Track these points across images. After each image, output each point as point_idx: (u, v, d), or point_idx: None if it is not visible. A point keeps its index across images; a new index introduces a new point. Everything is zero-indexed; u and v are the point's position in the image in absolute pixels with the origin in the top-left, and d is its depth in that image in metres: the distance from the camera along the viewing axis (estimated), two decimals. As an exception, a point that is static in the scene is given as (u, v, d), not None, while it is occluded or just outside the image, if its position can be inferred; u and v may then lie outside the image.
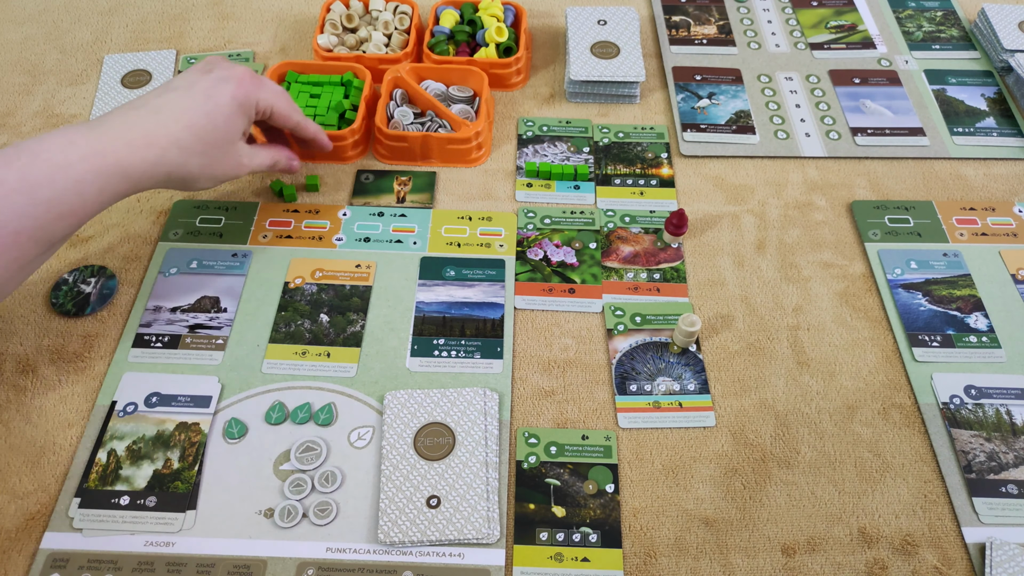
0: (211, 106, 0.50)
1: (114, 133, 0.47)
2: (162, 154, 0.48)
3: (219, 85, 0.51)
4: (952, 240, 0.62)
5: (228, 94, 0.51)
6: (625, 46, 0.73)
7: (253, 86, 0.52)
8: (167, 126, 0.48)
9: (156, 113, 0.49)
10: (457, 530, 0.47)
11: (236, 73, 0.52)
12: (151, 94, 0.51)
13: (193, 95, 0.50)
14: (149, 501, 0.48)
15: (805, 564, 0.47)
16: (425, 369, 0.54)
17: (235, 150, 0.53)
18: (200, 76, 0.51)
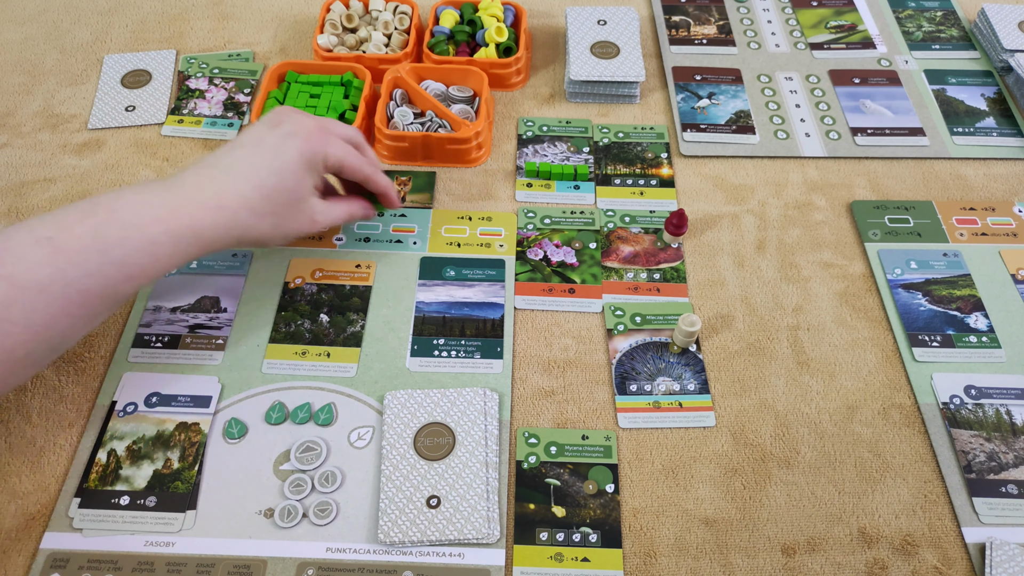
0: (279, 163, 0.49)
1: (188, 194, 0.46)
2: (233, 216, 0.47)
3: (287, 141, 0.49)
4: (952, 240, 0.62)
5: (296, 150, 0.49)
6: (625, 46, 0.73)
7: (320, 141, 0.51)
8: (238, 187, 0.47)
9: (227, 173, 0.48)
10: (457, 530, 0.47)
11: (304, 127, 0.50)
12: (222, 151, 0.49)
13: (261, 153, 0.49)
14: (149, 501, 0.48)
15: (805, 564, 0.47)
16: (425, 369, 0.54)
17: (307, 207, 0.51)
18: (268, 131, 0.50)
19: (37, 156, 0.67)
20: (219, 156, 0.49)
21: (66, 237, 0.42)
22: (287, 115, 0.51)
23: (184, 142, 0.69)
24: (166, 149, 0.68)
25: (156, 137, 0.69)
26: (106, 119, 0.70)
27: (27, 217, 0.62)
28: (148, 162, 0.67)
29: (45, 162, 0.67)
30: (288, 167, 0.49)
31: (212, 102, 0.71)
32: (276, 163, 0.49)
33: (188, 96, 0.72)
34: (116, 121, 0.70)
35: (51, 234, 0.42)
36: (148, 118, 0.70)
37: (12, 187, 0.65)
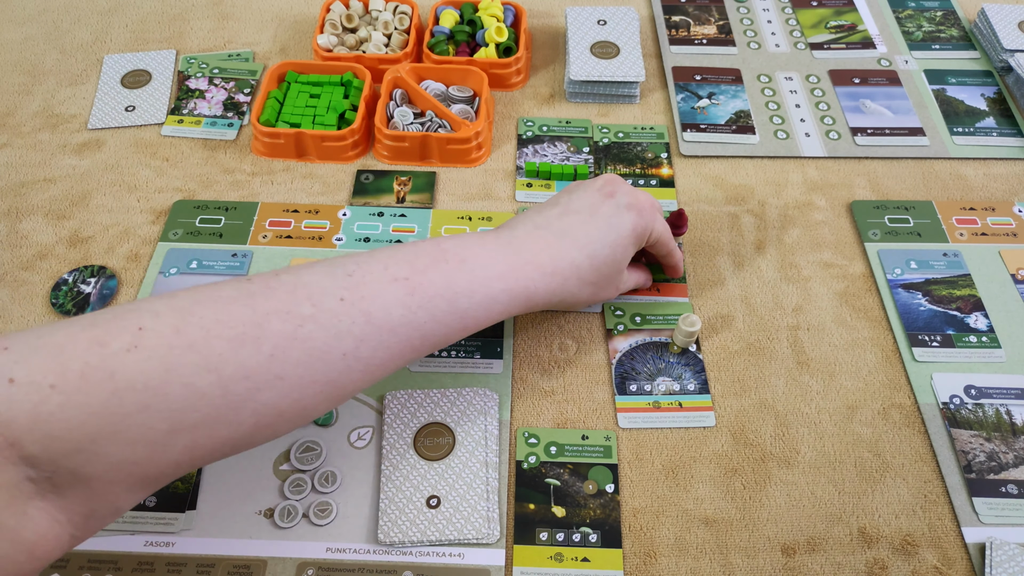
0: (613, 237, 0.48)
1: (526, 257, 0.46)
2: (563, 283, 0.47)
3: (622, 214, 0.49)
4: (952, 240, 0.62)
5: (630, 224, 0.49)
6: (625, 46, 0.73)
7: (651, 217, 0.50)
8: (571, 253, 0.47)
9: (561, 239, 0.47)
10: (457, 530, 0.47)
11: (639, 201, 0.50)
12: (555, 211, 0.49)
13: (596, 223, 0.48)
14: (149, 501, 0.48)
15: (805, 564, 0.47)
16: (425, 369, 0.54)
17: (621, 278, 0.51)
18: (603, 200, 0.49)
19: (37, 156, 0.67)
20: (551, 217, 0.48)
21: (420, 280, 0.42)
22: (618, 185, 0.50)
23: (184, 142, 0.69)
24: (166, 149, 0.68)
25: (156, 137, 0.69)
26: (106, 119, 0.70)
27: (26, 217, 0.63)
28: (148, 162, 0.67)
29: (45, 162, 0.67)
30: (621, 241, 0.49)
31: (212, 102, 0.71)
32: (611, 236, 0.48)
33: (188, 96, 0.72)
34: (116, 121, 0.70)
35: (407, 275, 0.41)
36: (148, 118, 0.70)
37: (12, 187, 0.65)
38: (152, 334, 0.35)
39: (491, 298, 0.44)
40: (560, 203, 0.50)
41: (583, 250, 0.47)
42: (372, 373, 0.41)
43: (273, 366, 0.36)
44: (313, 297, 0.38)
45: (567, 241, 0.47)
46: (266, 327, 0.37)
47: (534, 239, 0.47)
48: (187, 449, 0.35)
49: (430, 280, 0.42)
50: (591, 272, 0.48)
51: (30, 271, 0.59)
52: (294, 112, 0.67)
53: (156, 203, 0.64)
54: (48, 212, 0.63)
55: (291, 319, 0.37)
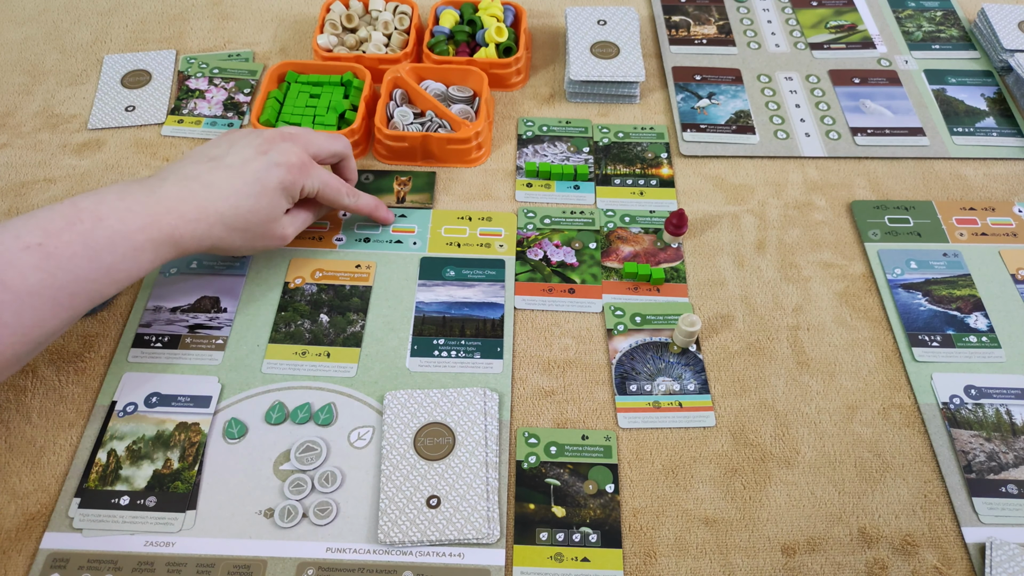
0: (258, 189, 0.51)
1: (169, 204, 0.48)
2: (209, 229, 0.50)
3: (271, 170, 0.52)
4: (952, 240, 0.62)
5: (276, 180, 0.52)
6: (625, 46, 0.73)
7: (302, 174, 0.53)
8: (215, 203, 0.50)
9: (207, 188, 0.50)
10: (457, 530, 0.47)
11: (290, 159, 0.52)
12: (208, 164, 0.51)
13: (244, 176, 0.51)
14: (149, 501, 0.48)
15: (805, 564, 0.47)
16: (425, 369, 0.54)
17: (276, 225, 0.54)
18: (254, 156, 0.52)
19: (37, 156, 0.67)
20: (202, 170, 0.51)
21: (55, 243, 0.44)
22: (278, 142, 0.53)
23: (184, 142, 0.69)
24: (166, 149, 0.68)
25: (156, 137, 0.69)
26: (106, 119, 0.70)
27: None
28: (148, 162, 0.67)
29: (45, 162, 0.67)
30: (266, 192, 0.51)
31: (212, 102, 0.71)
32: (255, 188, 0.51)
33: (188, 96, 0.72)
34: (116, 121, 0.70)
35: (40, 240, 0.44)
36: (148, 118, 0.70)
37: (12, 187, 0.65)
38: None
39: (136, 248, 0.46)
40: (217, 156, 0.52)
41: (227, 200, 0.50)
42: (28, 334, 0.43)
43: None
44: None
45: (212, 192, 0.50)
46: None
47: (180, 189, 0.49)
48: None
49: (66, 242, 0.44)
50: (237, 220, 0.51)
51: (30, 271, 0.59)
52: (294, 112, 0.67)
53: (156, 203, 0.64)
54: (48, 212, 0.63)
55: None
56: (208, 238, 0.50)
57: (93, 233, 0.45)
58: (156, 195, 0.48)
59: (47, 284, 0.43)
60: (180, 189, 0.49)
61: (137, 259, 0.47)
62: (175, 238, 0.48)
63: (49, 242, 0.44)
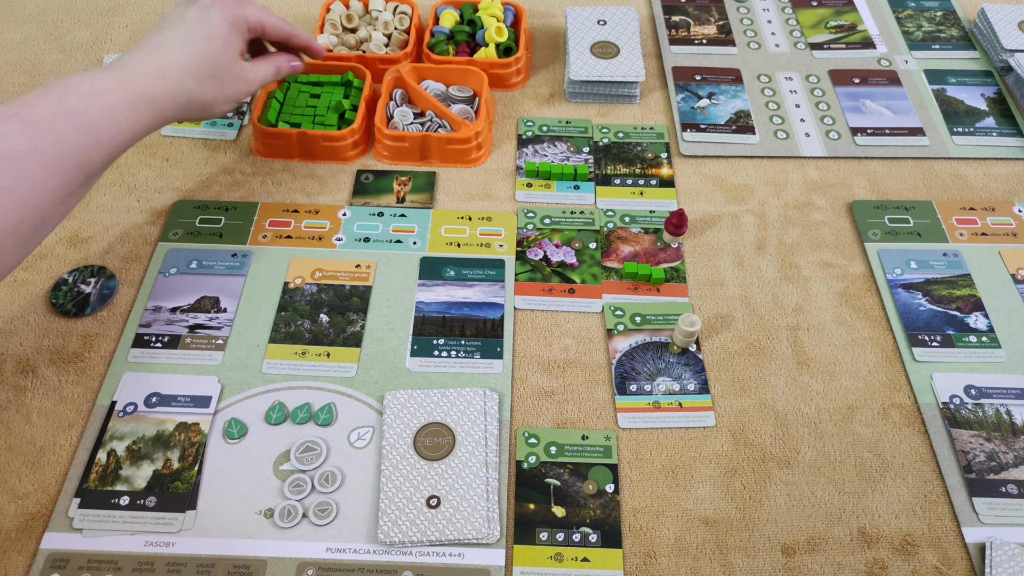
0: (206, 31, 0.53)
1: (132, 69, 0.50)
2: (177, 83, 0.51)
3: (208, 12, 0.54)
4: (952, 240, 0.62)
5: (218, 16, 0.54)
6: (625, 46, 0.73)
7: (238, 5, 0.55)
8: (173, 57, 0.52)
9: (159, 48, 0.52)
10: (457, 530, 0.47)
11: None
12: (148, 36, 0.54)
13: (187, 26, 0.53)
14: (149, 501, 0.48)
15: (805, 564, 0.47)
16: (425, 369, 0.54)
17: (239, 68, 0.56)
18: (186, 7, 0.54)
19: (37, 156, 0.67)
20: (148, 39, 0.53)
21: (32, 111, 0.45)
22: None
23: (184, 142, 0.69)
24: (166, 149, 0.68)
25: (156, 137, 0.69)
26: (106, 119, 0.70)
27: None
28: (148, 162, 0.67)
29: (45, 162, 0.67)
30: (215, 32, 0.54)
31: (212, 102, 0.71)
32: (203, 31, 0.53)
33: (188, 96, 0.72)
34: (116, 121, 0.70)
35: (16, 110, 0.45)
36: (148, 118, 0.70)
37: (12, 187, 0.65)
38: None
39: (110, 108, 0.48)
40: (155, 27, 0.55)
41: (183, 50, 0.52)
42: (25, 203, 0.44)
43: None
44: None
45: (167, 48, 0.52)
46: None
47: (135, 58, 0.52)
48: None
49: (41, 108, 0.46)
50: (200, 67, 0.53)
51: (30, 271, 0.59)
52: (294, 112, 0.67)
53: (156, 203, 0.64)
54: (48, 212, 0.63)
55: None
56: (182, 93, 0.52)
57: (66, 97, 0.47)
58: (116, 67, 0.50)
59: (31, 146, 0.44)
60: (137, 56, 0.52)
61: (114, 119, 0.48)
62: (147, 95, 0.50)
63: (25, 111, 0.45)
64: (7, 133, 0.44)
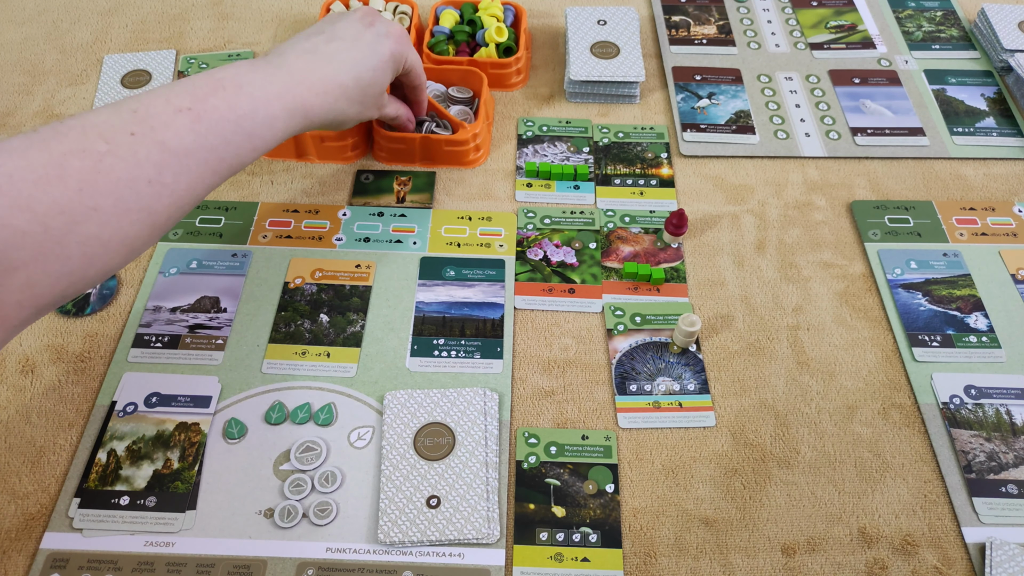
0: (375, 60, 0.54)
1: (298, 76, 0.50)
2: (334, 102, 0.52)
3: (382, 41, 0.55)
4: (952, 240, 0.62)
5: (389, 50, 0.55)
6: (625, 46, 0.73)
7: (406, 45, 0.57)
8: (339, 76, 0.52)
9: (329, 62, 0.52)
10: (457, 530, 0.47)
11: (395, 31, 0.56)
12: (321, 38, 0.53)
13: (360, 48, 0.54)
14: (149, 501, 0.48)
15: (805, 564, 0.47)
16: (425, 369, 0.54)
17: (381, 98, 0.57)
18: (364, 29, 0.55)
19: (37, 156, 0.67)
20: (318, 43, 0.53)
21: (204, 107, 0.45)
22: (376, 16, 0.57)
23: (184, 142, 0.69)
24: (166, 149, 0.68)
25: (156, 137, 0.69)
26: (106, 119, 0.70)
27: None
28: (148, 162, 0.67)
29: (45, 162, 0.67)
30: (381, 64, 0.55)
31: (212, 102, 0.71)
32: (372, 60, 0.54)
33: (188, 96, 0.72)
34: (116, 121, 0.70)
35: (189, 104, 0.45)
36: (148, 118, 0.70)
37: (12, 187, 0.65)
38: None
39: (272, 116, 0.48)
40: (326, 32, 0.54)
41: (349, 73, 0.53)
42: (182, 198, 0.45)
43: (84, 199, 0.39)
44: (105, 135, 0.41)
45: (335, 65, 0.52)
46: (67, 166, 0.39)
47: (304, 63, 0.51)
48: (25, 286, 0.38)
49: (213, 106, 0.46)
50: (357, 92, 0.54)
51: (30, 271, 0.59)
52: (294, 112, 0.67)
53: (156, 203, 0.64)
54: (48, 212, 0.63)
55: (89, 156, 0.40)
56: (333, 111, 0.52)
57: (237, 98, 0.47)
58: (283, 68, 0.50)
59: (200, 146, 0.45)
60: (304, 63, 0.51)
61: (272, 126, 0.48)
62: (305, 108, 0.50)
63: (198, 106, 0.45)
64: (180, 129, 0.44)
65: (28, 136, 0.40)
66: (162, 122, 0.43)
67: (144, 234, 0.43)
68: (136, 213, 0.42)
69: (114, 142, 0.41)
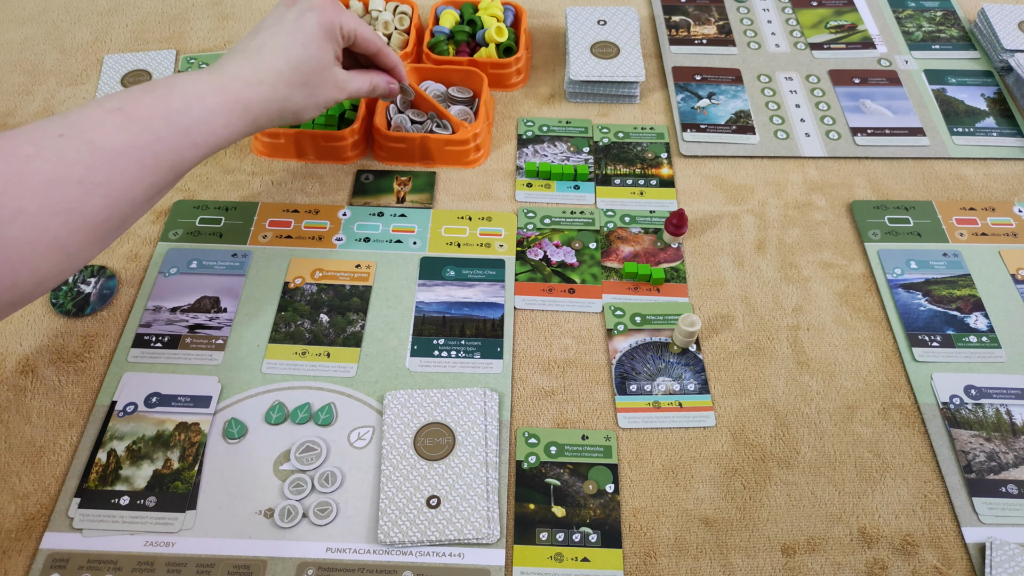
0: (302, 36, 0.53)
1: (231, 72, 0.50)
2: (273, 89, 0.51)
3: (305, 15, 0.53)
4: (952, 240, 0.62)
5: (314, 21, 0.53)
6: (625, 46, 0.73)
7: (335, 11, 0.55)
8: (270, 63, 0.52)
9: (257, 53, 0.52)
10: (457, 530, 0.47)
11: (318, 2, 0.54)
12: (246, 38, 0.53)
13: (285, 29, 0.53)
14: (149, 501, 0.48)
15: (805, 564, 0.47)
16: (425, 369, 0.54)
17: (332, 75, 0.55)
18: (286, 10, 0.54)
19: (37, 156, 0.67)
20: (246, 41, 0.53)
21: (135, 107, 0.45)
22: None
23: (184, 142, 0.69)
24: (166, 149, 0.68)
25: (156, 137, 0.69)
26: (106, 119, 0.70)
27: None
28: (148, 162, 0.67)
29: (45, 162, 0.67)
30: (310, 38, 0.53)
31: (212, 102, 0.71)
32: (299, 36, 0.53)
33: (188, 96, 0.72)
34: (116, 121, 0.70)
35: (120, 105, 0.45)
36: (148, 118, 0.70)
37: (12, 187, 0.65)
38: None
39: (209, 111, 0.48)
40: (253, 29, 0.54)
41: (280, 56, 0.52)
42: (118, 199, 0.44)
43: (8, 201, 0.39)
44: (33, 139, 0.42)
45: (263, 53, 0.52)
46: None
47: (233, 60, 0.51)
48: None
49: (144, 105, 0.46)
50: (295, 73, 0.52)
51: (30, 271, 0.59)
52: (294, 112, 0.67)
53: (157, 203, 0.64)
54: (48, 212, 0.63)
55: (14, 159, 0.40)
56: (275, 100, 0.52)
57: (169, 96, 0.47)
58: (217, 71, 0.50)
59: (132, 144, 0.44)
60: (236, 61, 0.51)
61: (211, 122, 0.48)
62: (244, 102, 0.50)
63: (128, 106, 0.45)
64: (110, 128, 0.44)
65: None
66: (92, 123, 0.43)
67: (79, 237, 0.43)
68: (65, 214, 0.41)
69: (41, 144, 0.41)
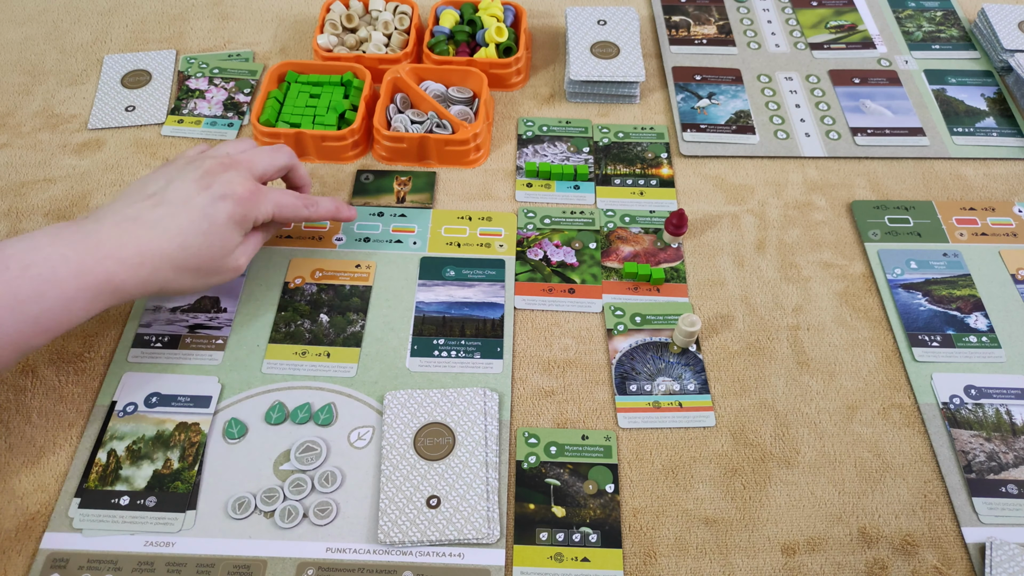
0: (207, 226, 0.48)
1: (108, 248, 0.45)
2: (154, 271, 0.47)
3: (217, 204, 0.49)
4: (952, 240, 0.62)
5: (225, 214, 0.49)
6: (625, 46, 0.73)
7: (252, 205, 0.50)
8: (161, 244, 0.47)
9: (151, 229, 0.47)
10: (457, 530, 0.47)
11: (236, 190, 0.49)
12: (148, 202, 0.48)
13: (189, 213, 0.48)
14: (149, 501, 0.48)
15: (805, 564, 0.47)
16: (425, 369, 0.54)
17: (230, 259, 0.51)
18: (198, 192, 0.49)
19: (37, 156, 0.67)
20: (142, 208, 0.48)
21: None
22: (216, 176, 0.50)
23: (184, 142, 0.69)
24: (166, 149, 0.68)
25: (156, 137, 0.69)
26: (106, 119, 0.70)
27: (26, 217, 0.63)
28: (148, 162, 0.67)
29: (45, 162, 0.67)
30: (215, 229, 0.49)
31: (212, 102, 0.71)
32: (204, 225, 0.48)
33: (188, 96, 0.72)
34: (116, 121, 0.70)
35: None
36: (148, 118, 0.70)
37: (12, 187, 0.65)
38: None
39: (67, 297, 0.44)
40: (156, 193, 0.49)
41: (173, 240, 0.47)
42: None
43: None
44: None
45: (157, 231, 0.47)
46: None
47: (121, 231, 0.46)
48: None
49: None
50: (187, 259, 0.48)
51: (30, 271, 0.59)
52: (294, 112, 0.67)
53: (156, 203, 0.64)
54: (48, 212, 0.63)
55: None
56: (153, 282, 0.47)
57: (19, 282, 0.42)
58: (91, 239, 0.45)
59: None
60: (119, 231, 0.46)
61: (69, 308, 0.44)
62: (113, 284, 0.45)
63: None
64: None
65: None
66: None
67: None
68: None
69: None
